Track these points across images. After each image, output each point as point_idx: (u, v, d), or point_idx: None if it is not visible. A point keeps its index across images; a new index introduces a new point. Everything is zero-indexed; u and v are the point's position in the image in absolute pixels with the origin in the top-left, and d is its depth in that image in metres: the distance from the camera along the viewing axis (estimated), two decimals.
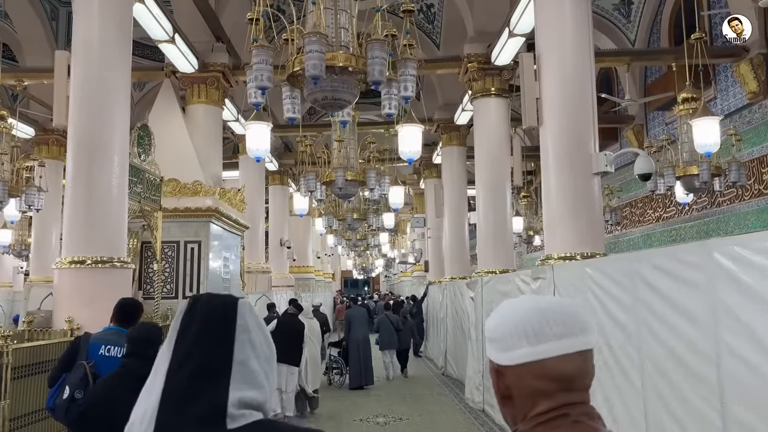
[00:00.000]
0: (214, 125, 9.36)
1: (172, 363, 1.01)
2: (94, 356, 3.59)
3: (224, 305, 1.07)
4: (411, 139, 5.90)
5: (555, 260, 5.86)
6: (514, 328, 1.02)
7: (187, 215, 8.20)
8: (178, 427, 0.96)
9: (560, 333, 1.01)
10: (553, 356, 1.00)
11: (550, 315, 1.02)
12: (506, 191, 9.26)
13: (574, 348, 1.01)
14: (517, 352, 1.01)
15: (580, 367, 1.02)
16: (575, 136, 5.87)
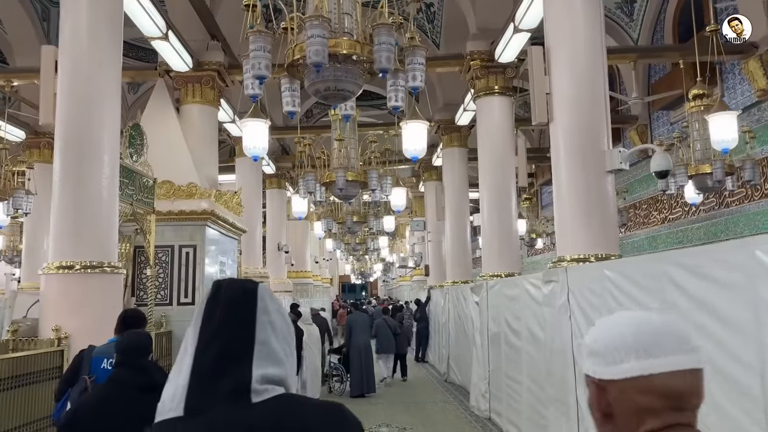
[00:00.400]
0: (209, 126, 9.08)
1: (199, 344, 1.07)
2: (96, 370, 3.53)
3: (245, 291, 1.14)
4: (415, 136, 5.63)
5: (568, 262, 5.59)
6: (622, 340, 0.99)
7: (182, 218, 7.91)
8: (206, 404, 1.02)
9: (671, 348, 0.97)
10: (663, 372, 0.96)
11: (660, 330, 0.99)
12: (511, 192, 8.99)
13: (685, 365, 0.97)
14: (624, 365, 0.98)
15: (691, 386, 0.97)
16: (587, 133, 5.61)
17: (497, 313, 7.93)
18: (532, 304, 6.31)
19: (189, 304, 7.85)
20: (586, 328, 5.12)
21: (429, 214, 16.41)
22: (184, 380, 1.05)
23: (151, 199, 7.26)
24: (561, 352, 5.39)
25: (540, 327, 6.07)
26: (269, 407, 1.04)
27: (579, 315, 5.03)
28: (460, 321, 10.95)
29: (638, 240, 13.17)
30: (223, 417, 1.01)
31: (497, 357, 7.88)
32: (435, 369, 14.10)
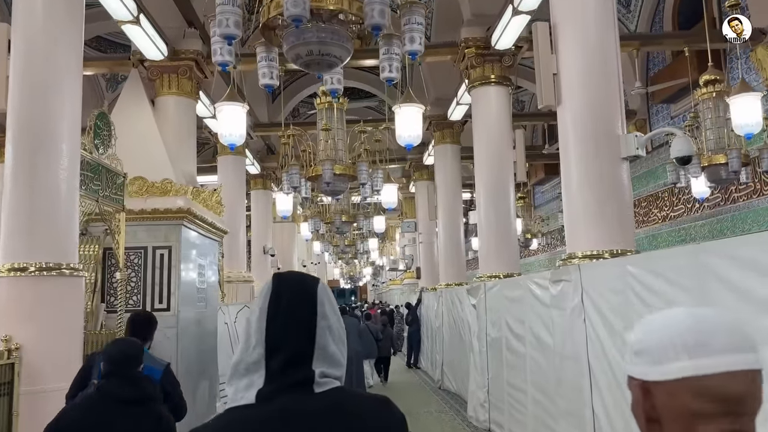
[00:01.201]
0: (186, 119, 8.47)
1: (267, 349, 1.18)
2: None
3: (307, 299, 1.21)
4: (410, 122, 5.09)
5: (579, 259, 5.05)
6: (670, 338, 0.88)
7: (156, 217, 7.29)
8: (275, 394, 1.14)
9: (726, 346, 0.86)
10: (719, 372, 0.84)
11: (714, 326, 0.88)
12: (509, 188, 8.46)
13: (742, 365, 0.85)
14: (674, 365, 0.86)
15: (749, 388, 0.86)
16: (600, 116, 5.08)
17: (497, 317, 7.39)
18: (538, 307, 5.77)
19: (164, 310, 7.22)
20: (605, 332, 4.60)
21: (420, 215, 15.87)
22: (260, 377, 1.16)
23: (120, 196, 6.64)
24: (574, 358, 4.85)
25: (548, 331, 5.53)
26: (329, 396, 1.16)
27: (595, 317, 4.49)
28: (455, 325, 10.40)
29: (638, 239, 12.68)
30: (291, 403, 1.12)
31: (498, 364, 7.33)
32: (428, 375, 13.53)
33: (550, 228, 16.50)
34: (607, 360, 4.34)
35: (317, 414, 1.12)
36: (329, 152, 6.51)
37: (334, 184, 6.50)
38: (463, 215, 12.74)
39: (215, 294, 9.02)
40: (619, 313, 4.16)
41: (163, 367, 3.64)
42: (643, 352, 0.92)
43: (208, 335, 8.29)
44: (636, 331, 0.96)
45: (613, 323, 4.24)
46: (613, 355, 4.26)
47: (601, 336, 4.41)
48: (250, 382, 1.15)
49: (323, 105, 6.67)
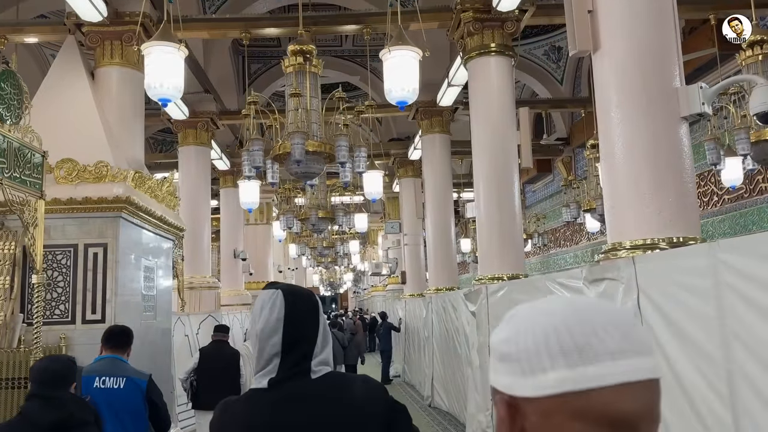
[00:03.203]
0: (131, 94, 7.13)
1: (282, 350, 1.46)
2: (89, 390, 3.31)
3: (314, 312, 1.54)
4: (404, 72, 3.86)
5: (627, 251, 3.83)
6: (544, 340, 0.65)
7: (88, 208, 5.97)
8: (282, 380, 1.45)
9: (617, 349, 0.64)
10: (607, 385, 0.63)
11: (601, 321, 0.65)
12: (513, 175, 7.24)
13: (639, 374, 0.64)
14: (549, 376, 0.64)
15: (647, 404, 0.64)
16: (651, 64, 3.89)
17: None
18: None
19: (98, 323, 5.87)
20: (677, 348, 3.36)
21: (405, 215, 14.63)
22: (274, 368, 1.46)
23: (37, 179, 5.28)
24: None
25: None
26: (323, 379, 1.48)
27: (661, 328, 3.27)
28: (447, 335, 9.16)
29: None
30: (294, 388, 1.44)
31: None
32: (415, 391, 12.26)
33: (546, 228, 15.40)
34: (680, 386, 3.12)
35: (314, 394, 1.45)
36: (300, 124, 5.23)
37: (306, 163, 5.23)
38: (453, 213, 11.52)
39: (167, 301, 7.67)
40: (703, 323, 2.95)
41: (146, 378, 3.54)
42: (509, 358, 0.68)
43: (158, 352, 6.93)
44: (500, 329, 0.71)
45: (694, 337, 3.03)
46: (692, 380, 3.04)
47: (671, 354, 3.19)
48: (265, 372, 1.46)
49: (292, 67, 5.39)
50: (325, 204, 9.12)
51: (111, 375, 3.42)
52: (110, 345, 3.59)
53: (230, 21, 7.55)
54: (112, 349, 3.56)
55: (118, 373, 3.41)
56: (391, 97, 4.02)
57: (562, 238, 15.41)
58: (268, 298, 1.49)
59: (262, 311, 1.48)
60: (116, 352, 3.56)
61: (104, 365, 3.50)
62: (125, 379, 3.49)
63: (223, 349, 6.46)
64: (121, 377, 3.42)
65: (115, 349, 3.56)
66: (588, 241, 13.93)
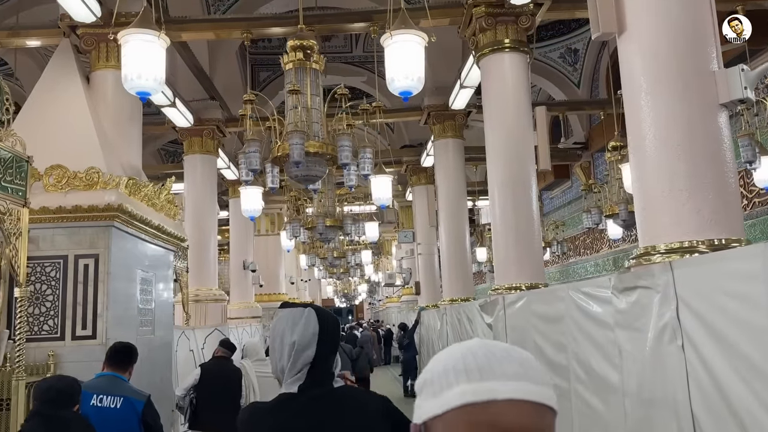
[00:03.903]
0: (128, 98, 6.80)
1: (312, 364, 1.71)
2: (86, 408, 3.23)
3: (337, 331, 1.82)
4: (408, 58, 3.48)
5: (662, 255, 3.40)
6: (453, 362, 0.79)
7: (78, 217, 5.64)
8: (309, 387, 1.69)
9: (513, 373, 0.77)
10: (503, 399, 0.74)
11: (503, 352, 0.80)
12: (530, 179, 6.80)
13: (529, 395, 0.75)
14: (454, 390, 0.76)
15: (535, 424, 0.75)
16: (684, 45, 3.46)
17: (522, 340, 5.70)
18: (591, 327, 4.09)
19: (89, 338, 5.53)
20: (726, 366, 2.92)
21: (419, 223, 14.21)
22: (303, 375, 1.70)
23: (21, 186, 4.97)
24: (663, 406, 3.17)
25: (609, 362, 3.84)
26: (341, 389, 1.75)
27: (706, 343, 2.82)
28: None
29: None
30: (320, 394, 1.69)
31: None
32: None
33: (564, 236, 14.90)
34: (731, 411, 2.67)
35: (335, 399, 1.69)
36: (300, 124, 4.86)
37: (306, 165, 4.85)
38: (468, 221, 11.09)
39: (169, 316, 7.32)
40: (757, 338, 2.50)
41: (144, 399, 3.46)
42: (425, 387, 0.81)
43: (158, 368, 6.57)
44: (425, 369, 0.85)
45: (746, 353, 2.58)
46: (746, 406, 2.59)
47: (719, 373, 2.74)
48: (295, 379, 1.68)
49: (292, 63, 5.03)
50: (333, 212, 8.73)
51: (108, 394, 3.33)
52: (111, 362, 3.51)
53: (231, 21, 7.25)
54: (113, 367, 3.48)
55: (116, 392, 3.33)
56: (394, 87, 3.64)
57: (582, 246, 14.88)
58: (299, 315, 1.74)
59: (295, 327, 1.71)
60: (116, 370, 3.48)
61: (102, 383, 3.42)
62: (122, 398, 3.39)
63: (226, 366, 6.07)
64: (118, 397, 3.33)
65: (115, 367, 3.48)
66: (609, 248, 13.40)
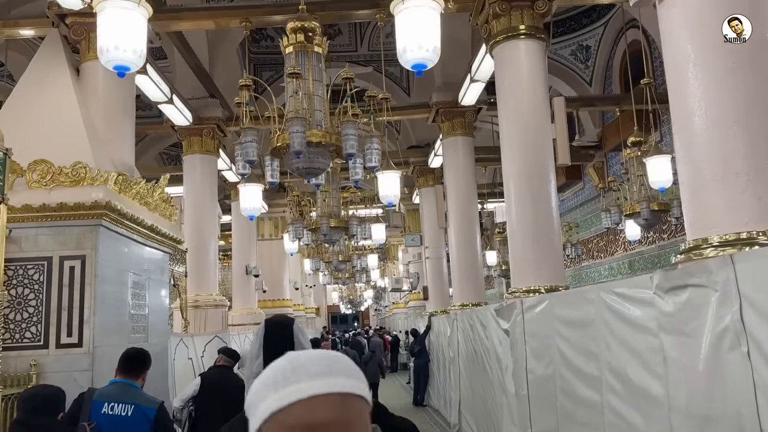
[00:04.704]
0: (120, 90, 6.44)
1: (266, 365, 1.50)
2: (97, 416, 3.25)
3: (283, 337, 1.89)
4: (422, 27, 3.04)
5: (716, 248, 2.95)
6: (265, 379, 0.84)
7: (64, 216, 5.23)
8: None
9: (316, 372, 0.82)
10: (303, 398, 0.79)
11: (306, 359, 0.84)
12: (549, 173, 6.36)
13: (326, 388, 0.80)
14: (265, 403, 0.81)
15: (336, 413, 0.79)
16: (738, 9, 3.03)
17: (544, 347, 5.25)
18: (627, 332, 3.64)
19: (74, 347, 5.11)
20: None
21: (426, 226, 13.79)
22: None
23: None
24: (723, 423, 2.73)
25: (651, 372, 3.39)
26: None
27: None
28: (476, 356, 8.23)
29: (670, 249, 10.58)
30: None
31: (548, 415, 5.17)
32: (440, 416, 11.30)
33: (577, 238, 14.44)
34: None
35: None
36: (301, 111, 4.43)
37: (308, 157, 4.43)
38: (478, 222, 10.65)
39: (164, 322, 6.90)
40: None
41: (156, 406, 3.42)
42: (248, 409, 0.85)
43: (151, 379, 6.05)
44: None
45: None
46: None
47: None
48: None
49: (293, 47, 4.61)
50: (338, 212, 8.30)
51: (120, 401, 3.29)
52: (123, 369, 3.47)
53: (229, 9, 6.87)
54: (125, 374, 3.44)
55: (127, 399, 3.30)
56: (406, 60, 3.21)
57: (596, 249, 14.40)
58: (258, 329, 1.90)
59: (254, 340, 1.88)
60: (129, 377, 3.44)
61: (114, 390, 3.40)
62: (133, 406, 3.34)
63: (228, 376, 5.60)
64: (129, 404, 3.29)
65: (127, 374, 3.44)
66: (625, 251, 12.92)
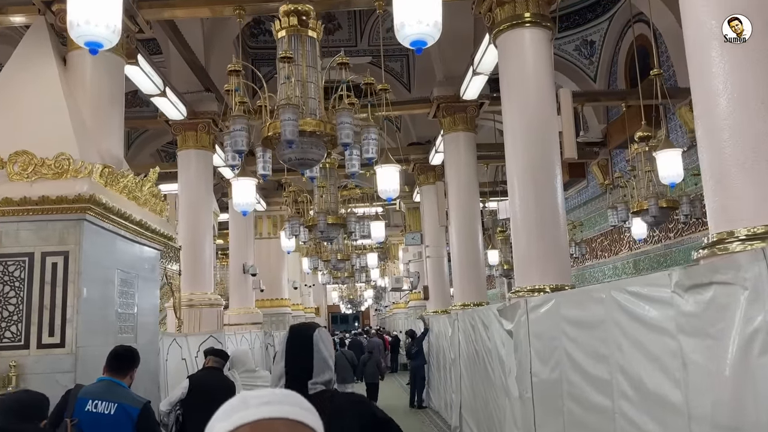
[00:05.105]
0: (108, 80, 6.18)
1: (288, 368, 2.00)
2: (80, 413, 3.25)
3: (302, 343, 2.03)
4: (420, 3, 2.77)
5: (743, 242, 2.70)
6: (217, 413, 0.88)
7: (46, 210, 4.99)
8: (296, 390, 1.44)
9: (262, 402, 0.87)
10: (248, 421, 0.84)
11: (259, 392, 0.89)
12: (554, 167, 6.10)
13: (274, 413, 0.85)
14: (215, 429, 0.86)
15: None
16: None
17: (549, 349, 5.00)
18: (643, 334, 3.38)
19: (56, 347, 4.86)
20: None
21: (427, 225, 13.53)
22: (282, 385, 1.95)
23: None
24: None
25: (669, 377, 3.13)
26: (318, 395, 1.90)
27: None
28: (477, 358, 7.97)
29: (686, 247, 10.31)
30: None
31: (553, 420, 4.92)
32: (441, 418, 11.05)
33: (580, 238, 14.20)
34: None
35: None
36: (293, 97, 4.18)
37: (301, 147, 4.18)
38: (480, 220, 10.39)
39: (154, 322, 6.64)
40: None
41: (140, 405, 3.38)
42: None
43: (140, 380, 5.77)
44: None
45: None
46: None
47: None
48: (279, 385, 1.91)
49: (285, 31, 4.36)
50: (336, 209, 8.04)
51: (103, 399, 3.27)
52: (110, 367, 3.45)
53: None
54: (111, 372, 3.43)
55: (111, 398, 3.26)
56: (404, 36, 2.95)
57: (599, 248, 14.15)
58: (284, 335, 2.10)
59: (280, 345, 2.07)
60: (115, 375, 3.42)
61: (99, 388, 3.38)
62: (116, 405, 3.30)
63: (218, 377, 5.34)
64: (112, 402, 3.25)
65: (113, 372, 3.42)
66: (629, 250, 12.66)
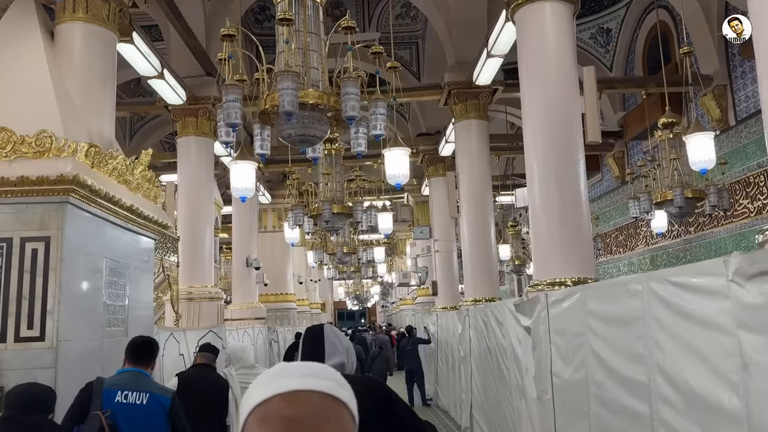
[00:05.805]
0: (99, 56, 5.78)
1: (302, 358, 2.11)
2: (110, 404, 3.20)
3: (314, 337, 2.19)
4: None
5: None
6: (256, 380, 0.92)
7: (25, 192, 4.58)
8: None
9: (298, 373, 0.90)
10: (284, 391, 0.87)
11: (297, 364, 0.94)
12: (578, 151, 5.65)
13: (311, 385, 0.88)
14: (252, 398, 0.88)
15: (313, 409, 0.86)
16: None
17: (573, 347, 4.56)
18: (691, 330, 2.95)
19: (36, 340, 4.46)
20: None
21: (436, 218, 13.10)
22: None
23: None
24: None
25: (722, 380, 2.69)
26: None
27: None
28: (489, 356, 7.55)
29: (715, 240, 9.83)
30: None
31: (576, 425, 4.49)
32: (449, 417, 10.65)
33: (595, 232, 13.72)
34: None
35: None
36: (294, 66, 3.76)
37: (302, 121, 3.76)
38: (492, 211, 9.95)
39: (148, 315, 6.25)
40: None
41: (170, 395, 3.42)
42: (241, 408, 0.92)
43: None
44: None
45: None
46: None
47: None
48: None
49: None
50: (342, 198, 7.62)
51: (134, 390, 3.26)
52: (133, 358, 3.42)
53: None
54: (135, 362, 3.40)
55: (142, 388, 3.26)
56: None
57: (614, 243, 13.68)
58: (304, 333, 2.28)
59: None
60: (139, 365, 3.39)
61: (127, 379, 3.35)
62: (148, 394, 3.30)
63: (209, 375, 4.93)
64: (144, 392, 3.25)
65: (137, 363, 3.40)
66: (646, 245, 12.19)
